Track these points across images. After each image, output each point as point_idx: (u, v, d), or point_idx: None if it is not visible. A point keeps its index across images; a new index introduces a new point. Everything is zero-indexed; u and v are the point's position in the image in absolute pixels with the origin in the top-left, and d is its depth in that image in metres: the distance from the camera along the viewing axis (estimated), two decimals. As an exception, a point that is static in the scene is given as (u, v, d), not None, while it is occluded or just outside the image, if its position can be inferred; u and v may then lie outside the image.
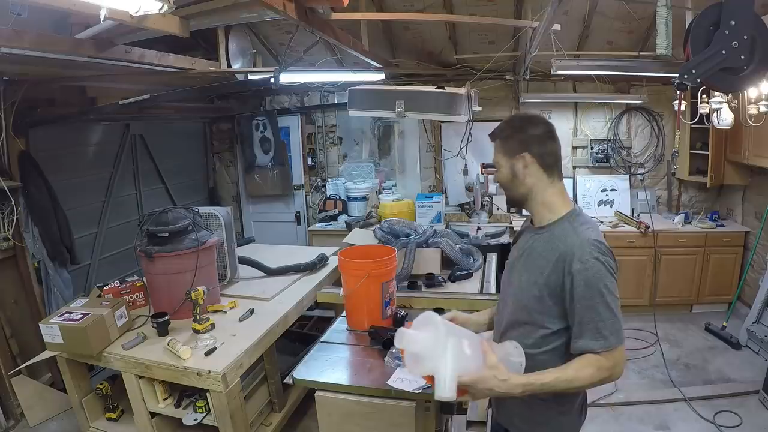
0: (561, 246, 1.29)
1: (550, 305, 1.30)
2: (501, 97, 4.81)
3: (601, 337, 1.21)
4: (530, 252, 1.39)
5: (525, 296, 1.35)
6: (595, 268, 1.22)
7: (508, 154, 1.41)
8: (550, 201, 1.39)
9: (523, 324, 1.35)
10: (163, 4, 1.55)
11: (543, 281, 1.30)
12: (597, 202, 4.75)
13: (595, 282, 1.22)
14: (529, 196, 1.41)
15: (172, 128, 5.00)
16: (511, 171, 1.41)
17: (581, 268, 1.23)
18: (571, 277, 1.24)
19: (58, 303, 3.24)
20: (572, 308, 1.25)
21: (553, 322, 1.31)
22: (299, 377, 1.89)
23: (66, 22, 2.32)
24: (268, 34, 4.41)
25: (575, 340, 1.26)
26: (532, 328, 1.33)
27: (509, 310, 1.41)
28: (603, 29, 3.91)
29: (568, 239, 1.30)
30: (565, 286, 1.25)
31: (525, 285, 1.35)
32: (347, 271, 2.24)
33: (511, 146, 1.40)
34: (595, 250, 1.24)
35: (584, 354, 1.23)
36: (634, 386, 3.26)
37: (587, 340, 1.22)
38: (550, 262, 1.30)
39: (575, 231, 1.31)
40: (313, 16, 2.35)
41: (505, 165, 1.42)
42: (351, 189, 4.98)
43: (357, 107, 3.04)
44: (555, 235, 1.34)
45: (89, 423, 2.42)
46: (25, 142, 3.20)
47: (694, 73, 1.77)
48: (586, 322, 1.23)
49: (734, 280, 4.19)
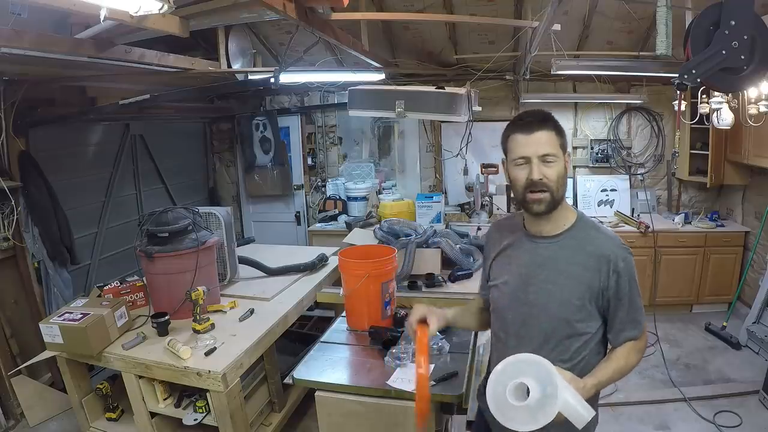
0: (596, 250, 1.29)
1: (591, 309, 1.30)
2: (501, 97, 4.81)
3: (639, 324, 1.31)
4: (553, 263, 1.31)
5: (564, 310, 1.29)
6: (631, 264, 1.30)
7: (563, 147, 1.30)
8: (565, 205, 1.35)
9: (566, 338, 1.31)
10: (163, 4, 1.55)
11: (584, 289, 1.28)
12: (597, 202, 4.74)
13: (634, 277, 1.30)
14: (563, 200, 1.32)
15: (172, 128, 5.00)
16: (564, 167, 1.30)
17: (624, 266, 1.28)
18: (617, 275, 1.27)
19: (58, 303, 3.24)
20: (617, 305, 1.29)
21: (594, 324, 1.32)
22: (299, 377, 1.89)
23: (66, 22, 2.32)
24: (268, 34, 4.41)
25: (618, 333, 1.31)
26: (574, 339, 1.31)
27: (541, 329, 1.31)
28: (603, 29, 3.91)
29: (600, 241, 1.31)
30: (610, 286, 1.27)
31: (561, 299, 1.29)
32: (347, 271, 2.24)
33: (563, 141, 1.30)
34: (626, 248, 1.31)
35: (626, 342, 1.30)
36: (634, 386, 3.26)
37: (630, 330, 1.30)
38: (588, 269, 1.28)
39: (602, 232, 1.35)
40: (313, 16, 2.35)
41: (561, 158, 1.29)
42: (351, 189, 4.98)
43: (357, 107, 3.04)
44: (580, 241, 1.31)
45: (89, 423, 2.42)
46: (25, 142, 3.20)
47: (694, 73, 1.76)
48: (629, 314, 1.30)
49: (734, 280, 4.19)
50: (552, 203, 1.28)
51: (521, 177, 1.29)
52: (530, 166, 1.26)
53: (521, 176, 1.28)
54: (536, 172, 1.25)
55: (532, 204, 1.29)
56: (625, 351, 1.30)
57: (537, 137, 1.26)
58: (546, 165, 1.26)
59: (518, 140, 1.29)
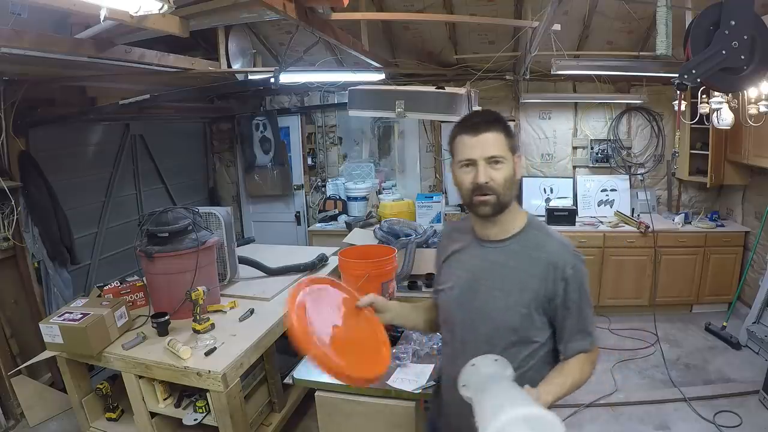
0: (543, 255, 1.24)
1: (539, 318, 1.25)
2: (501, 97, 4.80)
3: (589, 335, 1.27)
4: (499, 269, 1.28)
5: (509, 318, 1.25)
6: (582, 271, 1.26)
7: (513, 149, 1.25)
8: (515, 209, 1.31)
9: (512, 346, 1.25)
10: (163, 4, 1.55)
11: (530, 296, 1.23)
12: (597, 202, 4.74)
13: (584, 285, 1.26)
14: (512, 203, 1.28)
15: (172, 128, 5.00)
16: (513, 170, 1.26)
17: (573, 273, 1.23)
18: (565, 283, 1.23)
19: (58, 303, 3.24)
20: (565, 314, 1.25)
21: (542, 333, 1.27)
22: (299, 377, 1.89)
23: (66, 22, 2.32)
24: (268, 34, 4.41)
25: (568, 344, 1.26)
26: (521, 347, 1.26)
27: (486, 335, 1.27)
28: (603, 29, 3.91)
29: (549, 247, 1.26)
30: (557, 293, 1.23)
31: (506, 306, 1.25)
32: (347, 271, 2.25)
33: (513, 143, 1.26)
34: (577, 255, 1.27)
35: (578, 354, 1.25)
36: (634, 386, 3.26)
37: (580, 341, 1.26)
38: (534, 275, 1.23)
39: (552, 237, 1.30)
40: (313, 16, 2.35)
41: (509, 161, 1.25)
42: (351, 189, 4.98)
43: (357, 107, 3.04)
44: (528, 246, 1.27)
45: (89, 423, 2.42)
46: (25, 142, 3.20)
47: (694, 73, 1.77)
48: (578, 324, 1.25)
49: (734, 280, 4.18)
50: (498, 206, 1.24)
51: (467, 180, 1.24)
52: (476, 169, 1.22)
53: (467, 179, 1.24)
54: (482, 175, 1.21)
55: (478, 207, 1.25)
56: (577, 362, 1.25)
57: (484, 139, 1.22)
58: (493, 168, 1.22)
59: (464, 142, 1.24)
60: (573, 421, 2.89)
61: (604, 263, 4.24)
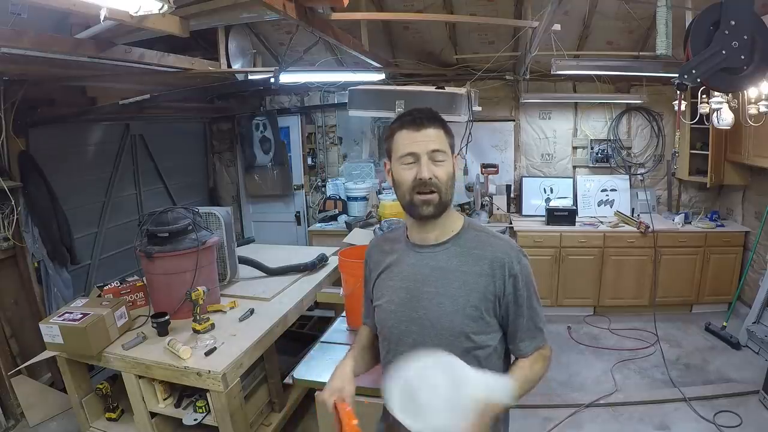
0: (487, 253, 1.20)
1: (489, 320, 1.19)
2: (501, 97, 4.81)
3: (541, 332, 1.24)
4: (442, 273, 1.20)
5: (459, 323, 1.17)
6: (528, 267, 1.23)
7: (452, 147, 1.21)
8: (453, 211, 1.26)
9: (465, 354, 1.16)
10: (163, 4, 1.55)
11: (479, 297, 1.17)
12: (597, 202, 4.74)
13: (531, 281, 1.22)
14: (451, 205, 1.23)
15: (172, 128, 5.00)
16: (453, 169, 1.20)
17: (520, 269, 1.20)
18: (513, 279, 1.18)
19: (58, 303, 3.24)
20: (517, 312, 1.20)
21: (494, 336, 1.21)
22: (299, 377, 1.89)
23: (66, 22, 2.32)
24: (268, 34, 4.41)
25: (521, 343, 1.23)
26: (474, 354, 1.18)
27: (436, 347, 1.16)
28: (603, 29, 3.91)
29: (493, 245, 1.22)
30: (507, 291, 1.18)
31: (454, 311, 1.17)
32: (347, 271, 2.24)
33: (452, 141, 1.21)
34: (520, 250, 1.24)
35: (536, 351, 1.23)
36: (634, 386, 3.26)
37: (531, 339, 1.23)
38: (481, 275, 1.18)
39: (494, 235, 1.26)
40: (313, 16, 2.35)
41: (450, 159, 1.20)
42: (351, 189, 4.98)
43: (357, 107, 3.04)
44: (469, 246, 1.22)
45: (89, 423, 2.42)
46: (25, 142, 3.20)
47: (694, 73, 1.77)
48: (528, 321, 1.22)
49: (734, 280, 4.18)
50: (441, 206, 1.18)
51: (408, 177, 1.17)
52: (419, 165, 1.16)
53: (408, 176, 1.17)
54: (425, 170, 1.15)
55: (421, 207, 1.17)
56: (532, 360, 1.22)
57: (426, 133, 1.17)
58: (436, 164, 1.17)
59: (406, 136, 1.18)
60: (573, 421, 2.89)
61: (604, 263, 4.24)
